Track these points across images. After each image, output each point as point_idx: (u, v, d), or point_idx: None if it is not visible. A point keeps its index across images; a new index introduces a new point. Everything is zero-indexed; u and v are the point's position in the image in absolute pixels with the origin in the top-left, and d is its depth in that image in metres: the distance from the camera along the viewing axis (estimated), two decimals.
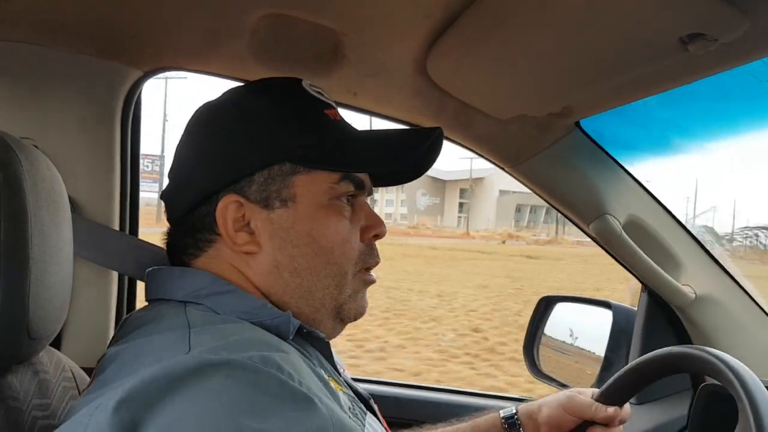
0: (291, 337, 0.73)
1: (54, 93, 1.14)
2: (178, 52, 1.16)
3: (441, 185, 71.90)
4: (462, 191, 72.24)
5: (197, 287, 0.75)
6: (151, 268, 0.82)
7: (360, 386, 0.90)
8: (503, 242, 40.34)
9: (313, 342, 0.79)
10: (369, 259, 0.84)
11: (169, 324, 0.68)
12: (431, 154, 0.86)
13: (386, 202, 74.48)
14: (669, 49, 0.79)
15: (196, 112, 0.85)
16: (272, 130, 0.79)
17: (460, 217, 71.42)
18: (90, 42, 1.09)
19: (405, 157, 0.83)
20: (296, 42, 1.03)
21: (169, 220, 0.84)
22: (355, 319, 0.84)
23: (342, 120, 0.85)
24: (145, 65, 1.18)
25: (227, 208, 0.77)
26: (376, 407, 0.89)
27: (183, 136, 0.84)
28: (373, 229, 0.84)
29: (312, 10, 0.95)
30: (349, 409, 0.74)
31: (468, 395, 1.71)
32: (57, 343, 1.13)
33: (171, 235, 0.84)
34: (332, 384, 0.72)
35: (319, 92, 0.85)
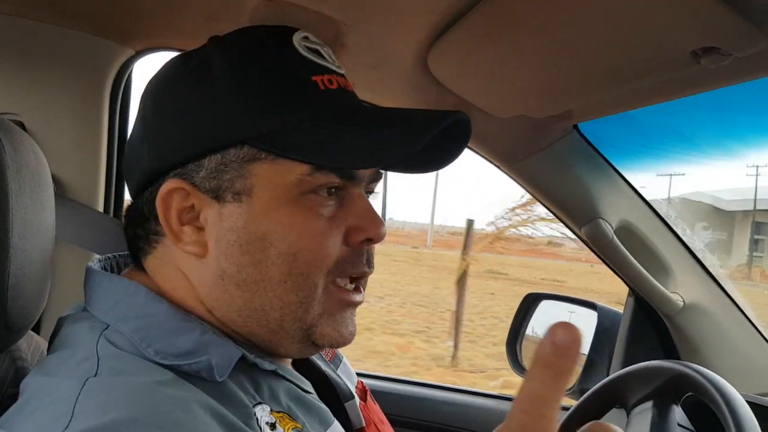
0: (221, 379, 0.60)
1: (42, 68, 1.10)
2: (174, 32, 1.12)
3: (728, 217, 55.49)
4: (759, 225, 54.97)
5: (124, 308, 0.63)
6: (89, 264, 0.70)
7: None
8: None
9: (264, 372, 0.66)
10: (350, 267, 0.66)
11: (75, 361, 0.58)
12: (449, 142, 0.70)
13: None
14: (680, 62, 0.77)
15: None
16: (231, 101, 0.62)
17: (753, 256, 54.80)
18: (81, 17, 1.06)
19: (403, 149, 0.63)
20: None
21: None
22: (334, 347, 0.70)
23: (340, 90, 0.67)
24: (138, 44, 1.15)
25: (171, 195, 0.63)
26: (357, 401, 0.82)
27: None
28: (364, 230, 0.66)
29: None
30: None
31: (470, 394, 1.70)
32: (37, 327, 1.10)
33: (126, 219, 0.71)
34: (279, 426, 0.62)
35: (315, 49, 0.68)
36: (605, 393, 1.02)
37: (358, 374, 0.90)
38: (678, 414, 0.93)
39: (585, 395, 1.05)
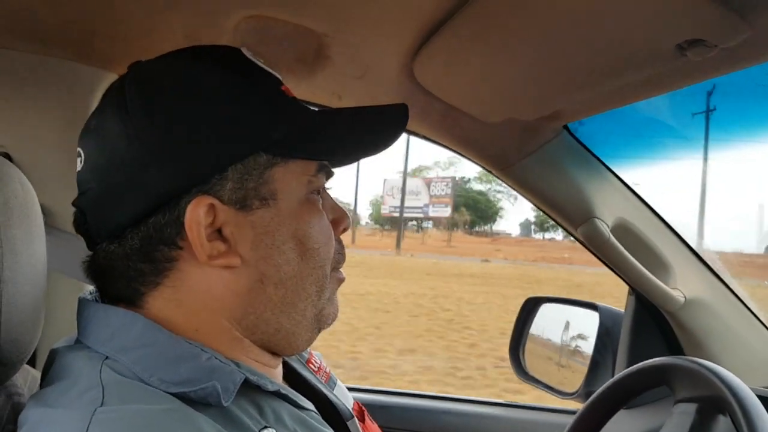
0: (227, 403, 0.59)
1: (26, 97, 1.10)
2: (155, 53, 1.10)
3: None
4: None
5: (122, 339, 0.62)
6: (81, 295, 0.69)
7: (357, 395, 0.85)
8: None
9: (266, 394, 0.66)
10: (340, 256, 0.75)
11: (77, 392, 0.57)
12: (399, 131, 0.76)
13: None
14: (666, 56, 0.77)
15: (120, 87, 0.66)
16: (241, 112, 0.65)
17: None
18: (61, 45, 1.05)
19: (382, 141, 0.74)
20: (279, 44, 1.00)
21: (91, 234, 0.67)
22: (330, 325, 0.74)
23: (296, 97, 0.72)
24: (120, 68, 1.14)
25: (198, 213, 0.62)
26: (356, 421, 0.82)
27: (105, 120, 0.65)
28: (343, 222, 0.75)
29: (295, 11, 0.91)
30: None
31: (472, 403, 1.69)
32: (32, 360, 1.09)
33: (108, 258, 0.66)
34: None
35: (260, 61, 0.72)
36: (649, 374, 0.98)
37: (353, 389, 0.90)
38: (725, 424, 0.89)
39: (630, 369, 1.01)
